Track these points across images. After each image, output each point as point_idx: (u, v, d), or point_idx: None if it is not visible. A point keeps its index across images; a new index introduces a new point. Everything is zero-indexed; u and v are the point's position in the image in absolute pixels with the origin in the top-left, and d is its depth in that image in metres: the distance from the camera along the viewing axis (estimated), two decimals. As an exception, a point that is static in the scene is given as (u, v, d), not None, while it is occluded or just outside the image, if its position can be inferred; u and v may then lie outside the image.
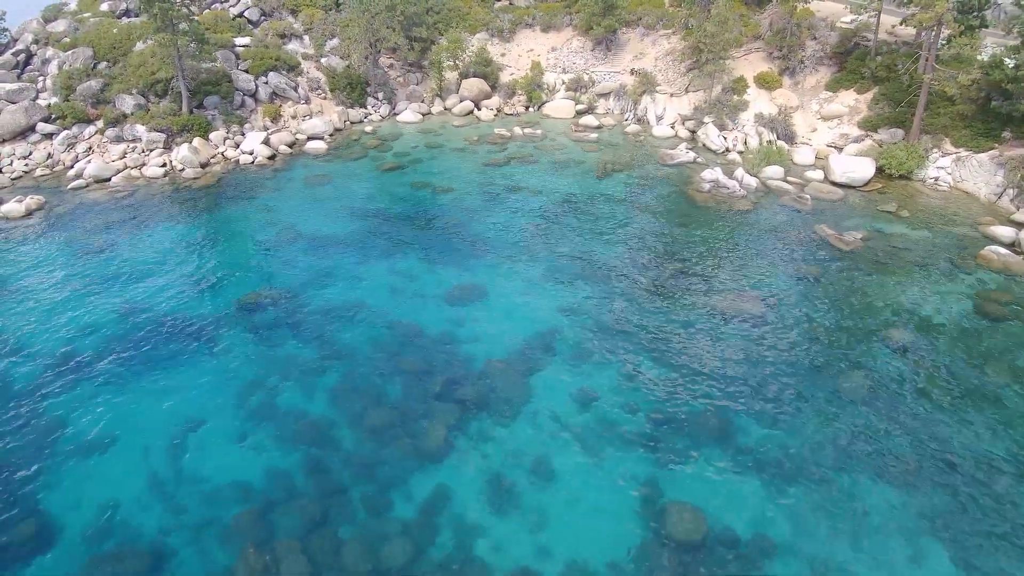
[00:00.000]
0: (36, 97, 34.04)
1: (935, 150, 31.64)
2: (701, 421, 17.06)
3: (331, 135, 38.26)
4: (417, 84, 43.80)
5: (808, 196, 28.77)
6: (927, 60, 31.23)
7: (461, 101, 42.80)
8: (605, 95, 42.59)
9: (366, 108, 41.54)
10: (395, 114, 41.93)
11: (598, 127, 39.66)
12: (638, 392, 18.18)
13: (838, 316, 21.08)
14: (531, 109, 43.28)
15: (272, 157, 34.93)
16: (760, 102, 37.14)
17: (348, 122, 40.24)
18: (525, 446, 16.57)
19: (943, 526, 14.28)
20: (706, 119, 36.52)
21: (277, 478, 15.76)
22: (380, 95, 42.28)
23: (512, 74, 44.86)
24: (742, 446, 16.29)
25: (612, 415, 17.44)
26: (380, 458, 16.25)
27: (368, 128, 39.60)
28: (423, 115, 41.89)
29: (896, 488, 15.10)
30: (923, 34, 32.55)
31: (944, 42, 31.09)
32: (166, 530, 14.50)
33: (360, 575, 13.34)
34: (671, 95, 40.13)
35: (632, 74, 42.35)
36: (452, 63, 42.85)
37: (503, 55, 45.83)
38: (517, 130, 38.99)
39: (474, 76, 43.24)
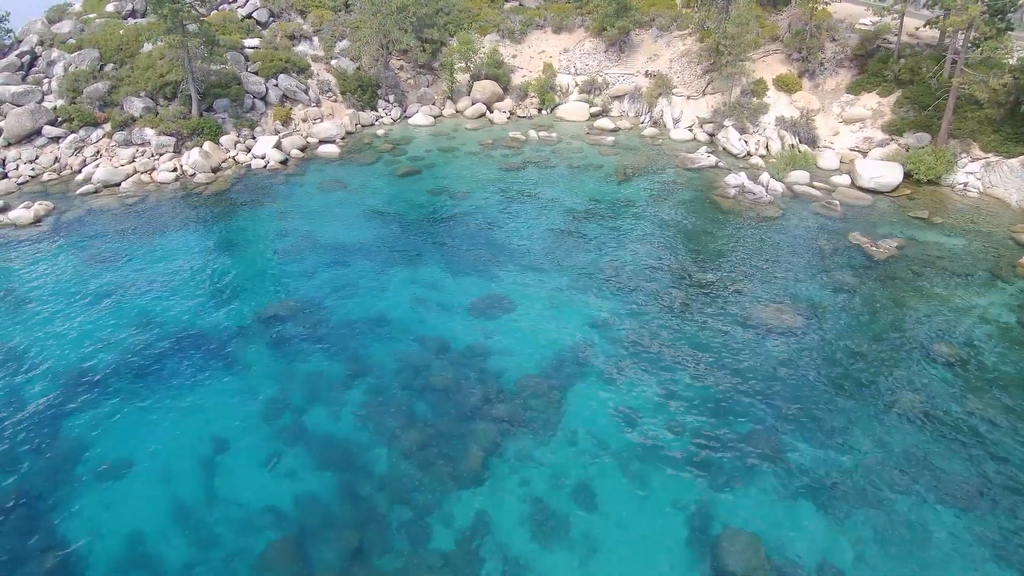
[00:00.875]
0: (42, 100, 33.21)
1: (963, 155, 31.01)
2: (748, 442, 16.36)
3: (343, 138, 37.52)
4: (428, 86, 43.08)
5: (837, 202, 28.11)
6: (955, 63, 30.58)
7: (473, 104, 42.11)
8: (619, 97, 41.93)
9: (377, 111, 40.82)
10: (406, 117, 41.21)
11: (614, 130, 38.99)
12: (679, 411, 17.47)
13: (880, 329, 20.40)
14: (544, 112, 42.60)
15: (284, 161, 34.17)
16: (780, 105, 36.49)
17: (359, 125, 39.50)
18: (566, 470, 15.86)
19: (1010, 553, 13.60)
20: (726, 122, 35.86)
21: (309, 504, 15.02)
22: (391, 97, 41.54)
23: (524, 76, 44.17)
24: (794, 468, 15.59)
25: (654, 435, 16.73)
26: (416, 482, 15.52)
27: (380, 131, 38.87)
28: (435, 118, 41.18)
29: (958, 513, 14.44)
30: (951, 37, 31.90)
31: (971, 45, 30.46)
32: (194, 563, 13.74)
33: (404, 612, 12.58)
34: (688, 97, 39.48)
35: (647, 76, 41.68)
36: (463, 65, 42.14)
37: (514, 56, 45.15)
38: (532, 133, 38.28)
39: (486, 78, 42.54)
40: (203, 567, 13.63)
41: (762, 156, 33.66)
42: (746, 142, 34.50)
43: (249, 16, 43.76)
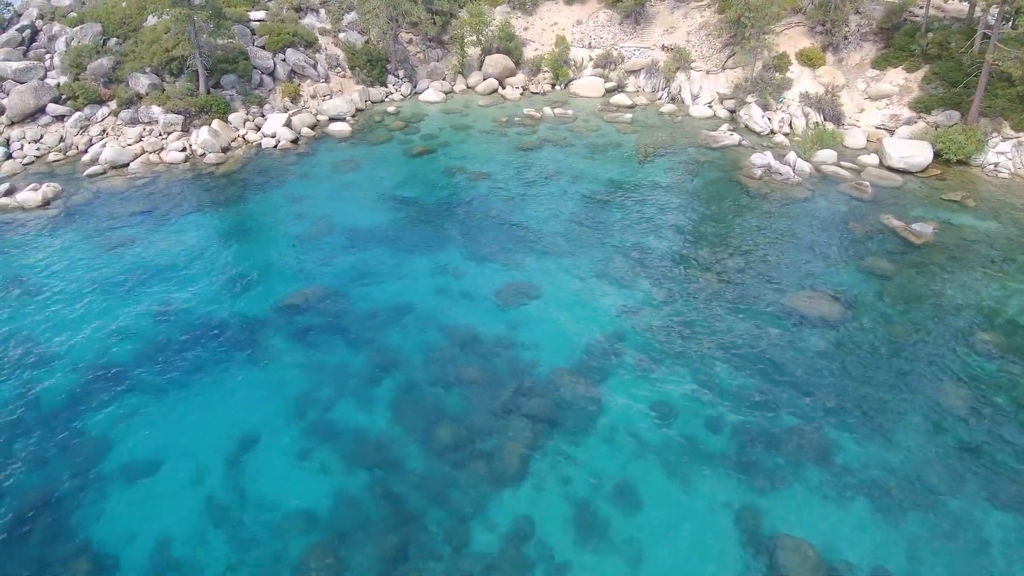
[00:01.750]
0: (44, 76, 32.15)
1: (994, 134, 30.16)
2: (792, 438, 15.94)
3: (353, 116, 36.53)
4: (438, 61, 41.90)
5: (867, 183, 27.36)
6: (987, 38, 29.54)
7: (484, 79, 40.98)
8: (635, 72, 40.78)
9: (387, 87, 39.72)
10: (416, 93, 40.13)
11: (631, 107, 37.97)
12: (719, 405, 17.03)
13: (920, 317, 19.88)
14: (558, 87, 41.48)
15: (295, 141, 33.26)
16: (804, 80, 35.45)
17: (369, 102, 38.44)
18: (605, 468, 15.45)
19: (1065, 556, 13.25)
20: (748, 98, 34.86)
21: (345, 504, 14.64)
22: (401, 73, 40.40)
23: (536, 50, 42.93)
24: (841, 466, 15.20)
25: (694, 432, 16.31)
26: (453, 481, 15.12)
27: (390, 108, 37.84)
28: (446, 94, 40.10)
29: (1012, 513, 14.07)
30: (983, 11, 30.80)
31: (1004, 19, 29.37)
32: (231, 566, 13.39)
33: (451, 621, 12.25)
34: (707, 72, 38.37)
35: (663, 50, 40.49)
36: (474, 38, 40.89)
37: (526, 29, 43.84)
38: (547, 110, 37.27)
39: (497, 52, 41.33)
40: (241, 572, 13.26)
41: (786, 134, 32.77)
42: (769, 119, 33.56)
43: (253, -13, 42.27)
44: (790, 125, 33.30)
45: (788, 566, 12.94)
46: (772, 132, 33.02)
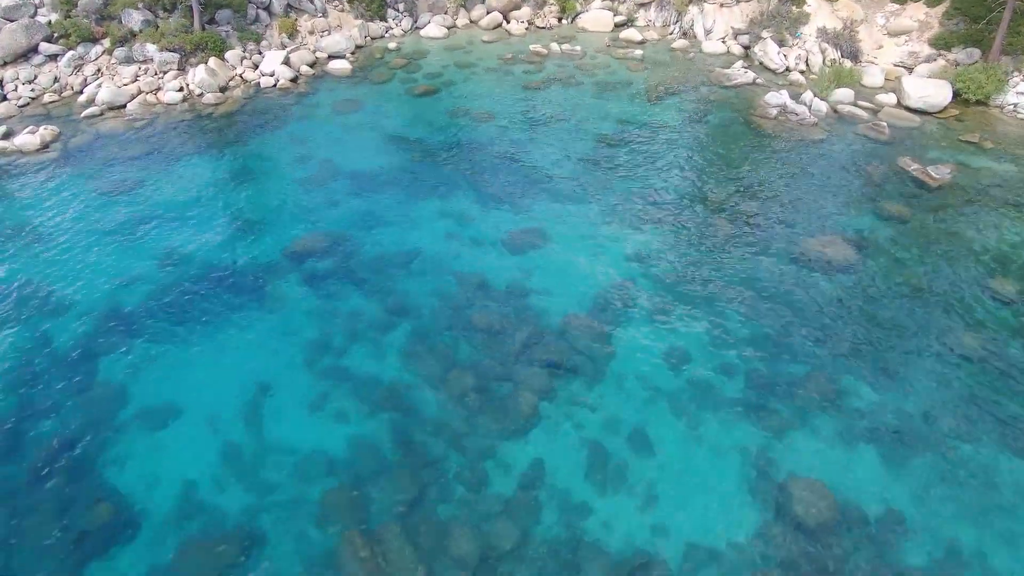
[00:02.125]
0: (35, 14, 30.88)
1: (1015, 73, 29.18)
2: (805, 384, 16.03)
3: (352, 53, 35.36)
4: (440, -7, 40.18)
5: (885, 124, 26.64)
6: (1017, -32, 28.22)
7: (488, 13, 39.43)
8: (645, 5, 39.26)
9: (387, 21, 38.29)
10: (417, 28, 38.71)
11: (641, 42, 36.68)
12: (731, 351, 17.05)
13: (935, 261, 19.69)
14: (565, 21, 39.98)
15: (294, 79, 32.29)
16: (821, 15, 34.07)
17: (369, 38, 37.13)
18: (619, 414, 15.58)
19: (1073, 498, 13.49)
20: (763, 34, 33.61)
21: (362, 449, 14.83)
22: (401, 6, 38.86)
23: (542, -19, 41.09)
24: (853, 411, 15.33)
25: (707, 378, 16.38)
26: (468, 427, 15.28)
27: (391, 44, 36.58)
28: (448, 29, 38.68)
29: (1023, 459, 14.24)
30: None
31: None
32: (252, 510, 13.66)
33: (471, 561, 12.57)
34: (720, 5, 36.83)
35: (676, -19, 38.77)
36: (478, -31, 39.14)
37: (532, -41, 41.84)
38: (554, 47, 36.03)
39: (502, -17, 39.60)
40: (263, 515, 13.55)
41: (802, 72, 31.74)
42: (785, 56, 32.44)
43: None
44: (806, 62, 32.22)
45: (802, 506, 13.18)
46: (788, 69, 31.98)
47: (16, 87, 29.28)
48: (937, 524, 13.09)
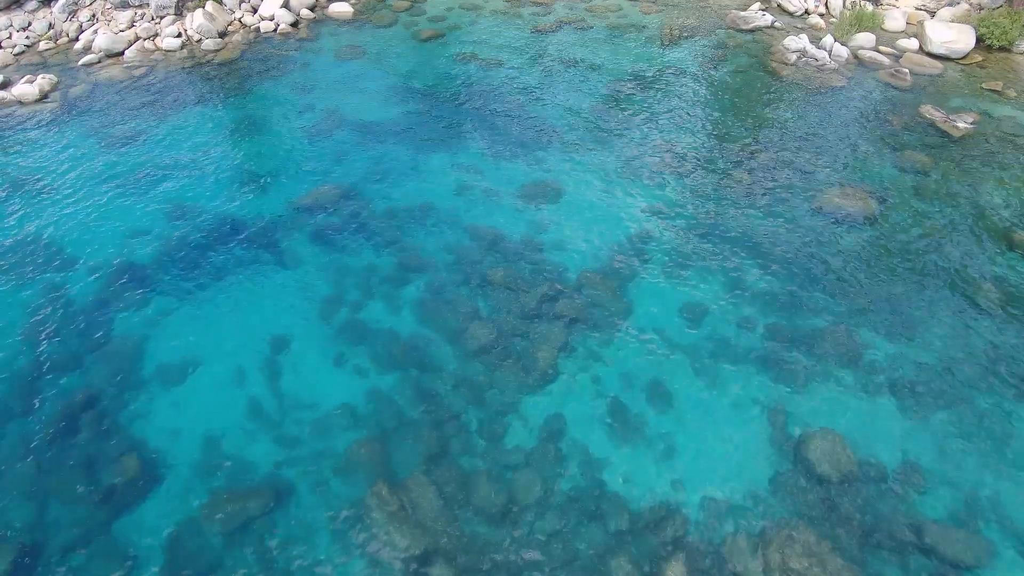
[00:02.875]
0: (22, -46, 29.64)
1: (1042, 15, 28.14)
2: (823, 338, 15.99)
3: (354, -5, 34.07)
4: (444, -69, 38.44)
5: (907, 70, 25.88)
6: (1052, -98, 26.92)
7: (494, -48, 37.84)
8: (658, -56, 37.56)
9: (389, -39, 36.73)
10: (421, -32, 37.20)
11: (653, -16, 35.28)
12: (749, 305, 16.97)
13: (957, 215, 19.42)
14: (573, -39, 38.41)
15: (295, 24, 31.25)
16: (842, -47, 32.64)
17: (371, -21, 35.71)
18: (636, 368, 15.61)
19: (1088, 450, 13.64)
20: (781, -25, 32.26)
21: (384, 403, 14.92)
22: (404, -54, 37.21)
23: (551, -82, 39.30)
24: (872, 364, 15.35)
25: (725, 332, 16.34)
26: (488, 381, 15.34)
27: (394, -14, 35.23)
28: (452, -31, 37.17)
29: (1039, 410, 14.34)
30: None
31: None
32: (279, 463, 13.83)
33: (496, 511, 12.80)
34: (736, -56, 35.26)
35: (690, -82, 37.05)
36: (484, -95, 37.33)
37: None
38: (563, -12, 34.73)
39: (509, -79, 37.85)
40: (289, 468, 13.73)
41: (821, 15, 30.64)
42: (803, -1, 31.28)
43: None
44: (826, 5, 31.07)
45: (821, 458, 13.33)
46: (807, 12, 30.87)
47: (11, 34, 28.35)
48: (957, 477, 13.26)
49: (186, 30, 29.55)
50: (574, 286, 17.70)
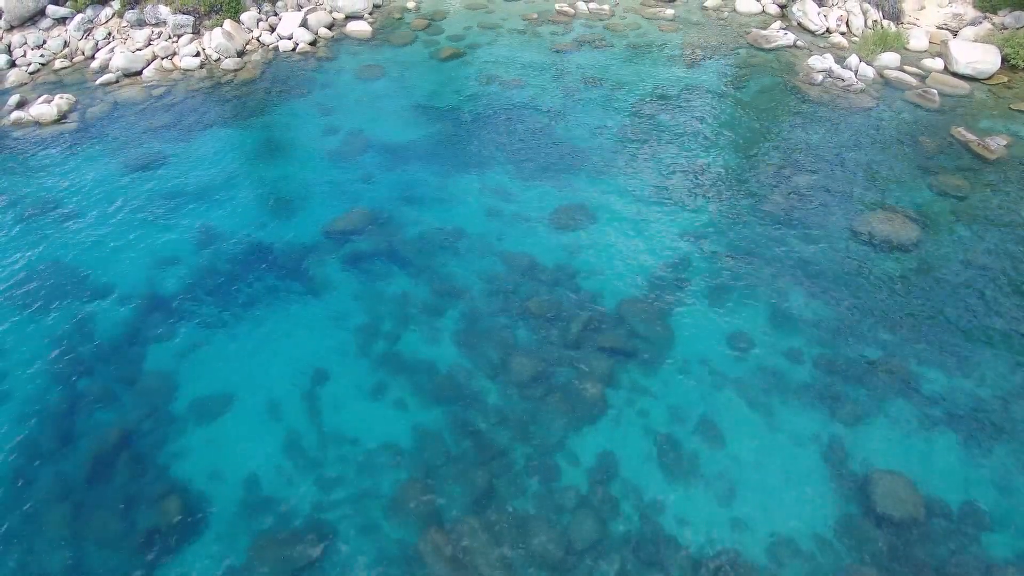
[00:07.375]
0: (39, -27, 29.36)
1: (1067, 34, 28.05)
2: (875, 369, 15.66)
3: (371, 13, 33.90)
4: (459, -51, 38.35)
5: (935, 91, 25.70)
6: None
7: (509, -31, 37.72)
8: (673, -39, 37.50)
9: (404, -21, 36.60)
10: (437, -14, 37.08)
11: (671, 0, 35.20)
12: (797, 335, 16.63)
13: (999, 240, 19.15)
14: (589, -22, 38.32)
15: (313, 43, 31.00)
16: (862, -28, 32.60)
17: (387, -4, 35.57)
18: (684, 402, 15.24)
19: None
20: (801, -7, 32.19)
21: (428, 440, 14.51)
22: (419, -37, 37.09)
23: (565, -65, 39.25)
24: (928, 397, 15.01)
25: (774, 363, 15.99)
26: (532, 416, 14.94)
27: (410, 3, 35.04)
28: (468, -13, 37.06)
29: (1101, 446, 13.99)
30: None
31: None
32: (323, 506, 13.40)
33: (554, 558, 12.35)
34: (754, -38, 35.21)
35: (705, -65, 37.01)
36: (500, -78, 37.24)
37: (554, -89, 39.91)
38: (580, 5, 34.58)
39: (524, -62, 37.78)
40: (333, 511, 13.29)
41: (843, 34, 30.54)
42: (825, 17, 31.16)
43: None
44: (847, 24, 30.98)
45: (885, 498, 12.94)
46: (828, 31, 30.75)
47: (25, 52, 28.02)
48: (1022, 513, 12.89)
49: (204, 49, 29.27)
50: (615, 315, 17.34)
